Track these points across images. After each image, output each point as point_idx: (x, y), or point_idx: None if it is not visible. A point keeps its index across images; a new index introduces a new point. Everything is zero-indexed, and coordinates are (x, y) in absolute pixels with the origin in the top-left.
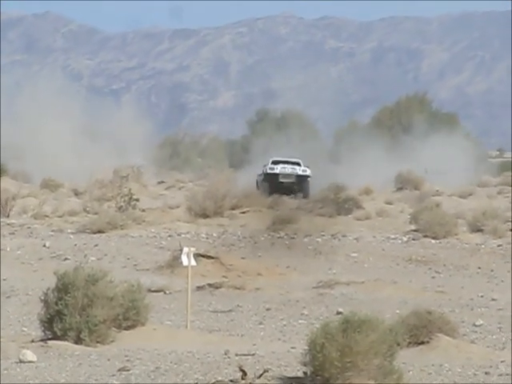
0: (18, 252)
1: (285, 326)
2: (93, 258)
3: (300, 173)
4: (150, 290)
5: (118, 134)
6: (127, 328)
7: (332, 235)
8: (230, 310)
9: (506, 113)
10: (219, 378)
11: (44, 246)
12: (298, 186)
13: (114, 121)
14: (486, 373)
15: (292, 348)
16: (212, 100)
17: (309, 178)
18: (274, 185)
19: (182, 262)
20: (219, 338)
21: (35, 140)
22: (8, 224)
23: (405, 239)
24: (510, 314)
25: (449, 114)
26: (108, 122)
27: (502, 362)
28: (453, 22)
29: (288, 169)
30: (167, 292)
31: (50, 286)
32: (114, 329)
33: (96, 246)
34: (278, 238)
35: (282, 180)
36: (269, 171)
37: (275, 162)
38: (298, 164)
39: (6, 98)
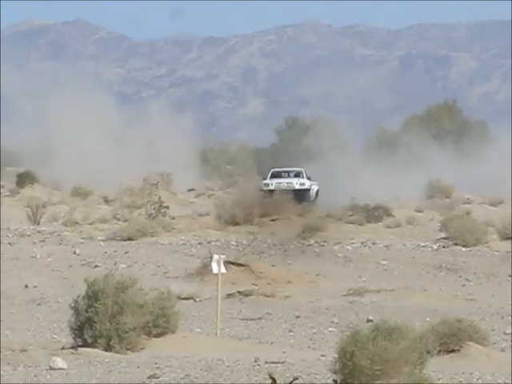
0: (49, 259)
1: (315, 333)
2: (123, 266)
3: (297, 187)
4: (179, 298)
5: (148, 141)
6: (157, 335)
7: (362, 243)
8: (260, 318)
9: None
10: None
11: (74, 253)
12: (296, 200)
13: (145, 128)
14: None
15: (322, 356)
16: (241, 108)
17: (311, 191)
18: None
19: (211, 270)
20: (249, 346)
21: (66, 147)
22: (38, 231)
23: (435, 247)
24: None
25: (479, 121)
26: (138, 129)
27: None
28: (481, 30)
29: (284, 184)
30: (197, 299)
31: (80, 293)
32: (143, 336)
33: (126, 253)
34: (308, 245)
35: (279, 196)
36: (263, 188)
37: (275, 174)
38: (300, 174)
39: (37, 105)
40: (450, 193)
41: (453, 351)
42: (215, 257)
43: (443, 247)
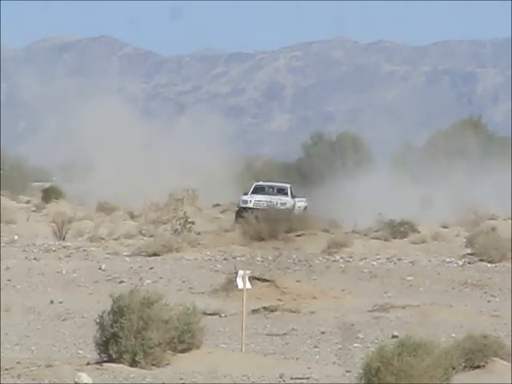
0: (74, 275)
1: (340, 349)
2: (148, 281)
3: (279, 206)
4: (205, 313)
5: (173, 156)
6: (182, 351)
7: (387, 258)
8: (285, 334)
9: None
10: None
11: (100, 268)
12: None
13: (170, 143)
14: None
15: (347, 372)
16: (266, 123)
17: (296, 209)
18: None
19: (237, 285)
20: (274, 362)
21: (91, 162)
22: (64, 247)
23: (460, 263)
24: None
25: (504, 137)
26: (163, 144)
27: None
28: (507, 46)
29: (263, 202)
30: (222, 315)
31: (105, 308)
32: (169, 352)
33: (151, 268)
34: (333, 261)
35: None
36: (242, 205)
37: (258, 188)
38: (284, 190)
39: (62, 120)
40: (476, 209)
41: (478, 367)
42: (240, 272)
43: (469, 263)
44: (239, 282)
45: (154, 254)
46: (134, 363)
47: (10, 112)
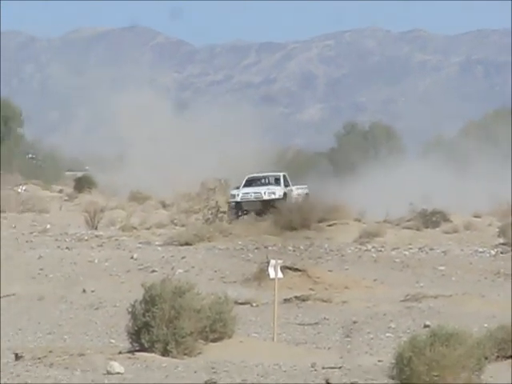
0: (106, 264)
1: (372, 339)
2: (180, 270)
3: (266, 197)
4: (236, 303)
5: (204, 146)
6: (214, 340)
7: (419, 248)
8: (317, 323)
9: None
10: None
11: (132, 258)
12: (267, 210)
13: (201, 133)
14: None
15: (379, 361)
16: (298, 113)
17: (297, 195)
18: (239, 213)
19: (268, 275)
20: (306, 351)
21: (124, 152)
22: (96, 236)
23: (493, 253)
24: None
25: None
26: (195, 134)
27: None
28: None
29: (251, 194)
30: (254, 304)
31: (137, 297)
32: (200, 341)
33: (183, 258)
34: (365, 250)
35: (246, 208)
36: (230, 199)
37: (250, 181)
38: (278, 180)
39: (95, 111)
40: (508, 198)
41: (510, 357)
42: (272, 262)
43: (501, 253)
44: (271, 272)
45: (186, 244)
46: (165, 352)
47: (44, 102)
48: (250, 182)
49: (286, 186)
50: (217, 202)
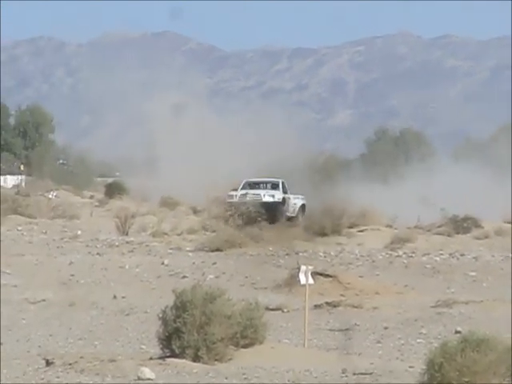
0: (137, 270)
1: (403, 344)
2: (211, 276)
3: (265, 199)
4: (267, 309)
5: (235, 152)
6: (245, 346)
7: (450, 254)
8: (348, 329)
9: None
10: None
11: (162, 263)
12: (264, 214)
13: (232, 139)
14: None
15: (410, 367)
16: (329, 118)
17: (293, 204)
18: (234, 215)
19: (299, 281)
20: (337, 357)
21: (155, 158)
22: (127, 242)
23: None
24: None
25: None
26: (226, 140)
27: None
28: None
29: (249, 195)
30: (285, 310)
31: (168, 303)
32: (231, 347)
33: (214, 264)
34: (396, 256)
35: (244, 209)
36: (227, 200)
37: (248, 184)
38: (276, 186)
39: (126, 116)
40: None
41: None
42: (303, 268)
43: None
44: (302, 278)
45: (217, 250)
46: (196, 358)
47: (75, 107)
48: (249, 186)
49: (285, 192)
50: (248, 207)
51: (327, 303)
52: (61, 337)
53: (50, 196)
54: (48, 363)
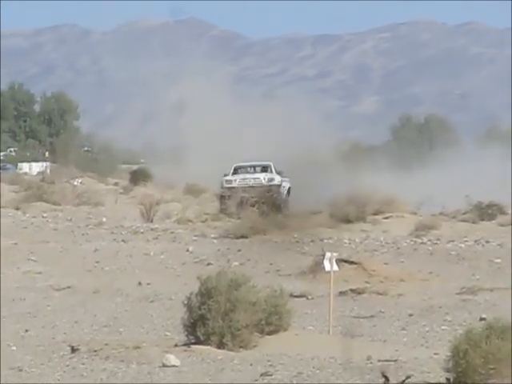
0: (162, 257)
1: (427, 331)
2: (236, 263)
3: (264, 182)
4: (292, 296)
5: (259, 140)
6: (269, 333)
7: (475, 241)
8: (373, 316)
9: None
10: None
11: (187, 250)
12: (265, 198)
13: (256, 127)
14: None
15: (435, 354)
16: (354, 105)
17: (282, 188)
18: (232, 202)
19: (324, 268)
20: (361, 344)
21: (180, 145)
22: (152, 229)
23: None
24: None
25: None
26: (250, 127)
27: None
28: None
29: (250, 180)
30: (309, 297)
31: (193, 290)
32: (256, 334)
33: (239, 251)
34: (421, 243)
35: (243, 194)
36: (226, 185)
37: (238, 169)
38: (267, 168)
39: (150, 104)
40: None
41: None
42: (327, 255)
43: None
44: (326, 265)
45: (242, 236)
46: (221, 345)
47: (99, 95)
48: (238, 171)
49: (278, 174)
50: (272, 194)
51: (352, 290)
52: (86, 324)
53: (75, 183)
54: (73, 350)
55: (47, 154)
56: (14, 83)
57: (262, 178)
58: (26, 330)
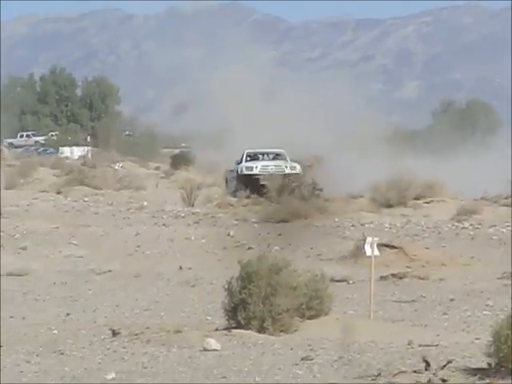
0: (203, 241)
1: (469, 316)
2: (276, 248)
3: (288, 171)
4: (333, 280)
5: (302, 125)
6: (310, 317)
7: None
8: (414, 300)
9: None
10: (402, 369)
11: (228, 235)
12: (286, 185)
13: (299, 112)
14: None
15: (476, 339)
16: (396, 90)
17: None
18: (252, 188)
19: (365, 252)
20: (402, 329)
21: (222, 130)
22: (193, 213)
23: None
24: None
25: None
26: (293, 112)
27: None
28: None
29: (272, 167)
30: (350, 282)
31: (233, 275)
32: (297, 318)
33: (279, 235)
34: (462, 228)
35: (263, 182)
36: (245, 172)
37: (251, 157)
38: (280, 156)
39: (191, 89)
40: None
41: None
42: (369, 239)
43: None
44: (367, 249)
45: (282, 221)
46: (262, 329)
47: (141, 79)
48: (251, 157)
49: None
50: (313, 178)
51: (393, 275)
52: (127, 307)
53: (116, 167)
54: (114, 333)
55: (89, 138)
56: (55, 67)
57: (284, 165)
58: (68, 314)
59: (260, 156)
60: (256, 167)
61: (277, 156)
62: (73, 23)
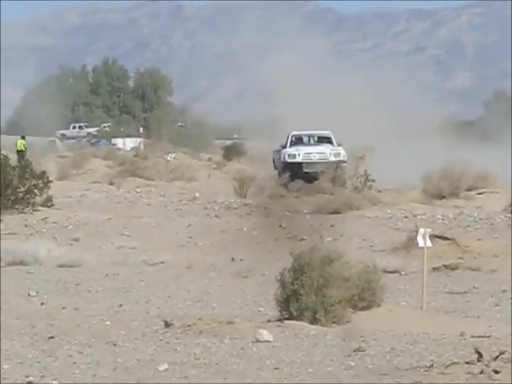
0: (255, 232)
1: None
2: (329, 239)
3: (332, 158)
4: (385, 271)
5: (351, 114)
6: (362, 309)
7: None
8: (466, 292)
9: None
10: (455, 360)
11: (280, 226)
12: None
13: (348, 102)
14: None
15: None
16: (448, 80)
17: (344, 164)
18: (296, 175)
19: (417, 243)
20: (454, 320)
21: (273, 120)
22: (245, 204)
23: None
24: None
25: None
26: (343, 101)
27: None
28: None
29: (315, 155)
30: (402, 273)
31: (285, 266)
32: (349, 309)
33: (332, 226)
34: None
35: (306, 170)
36: (288, 160)
37: (297, 139)
38: (328, 139)
39: (243, 79)
40: None
41: None
42: (421, 230)
43: None
44: (420, 240)
45: (335, 212)
46: (314, 320)
47: (192, 70)
48: (297, 141)
49: (339, 145)
50: (366, 170)
51: (445, 266)
52: (179, 299)
53: (168, 158)
54: (167, 325)
55: (141, 129)
56: (107, 59)
57: (328, 153)
58: (120, 305)
59: (305, 138)
60: (299, 154)
61: (322, 139)
62: (125, 13)
